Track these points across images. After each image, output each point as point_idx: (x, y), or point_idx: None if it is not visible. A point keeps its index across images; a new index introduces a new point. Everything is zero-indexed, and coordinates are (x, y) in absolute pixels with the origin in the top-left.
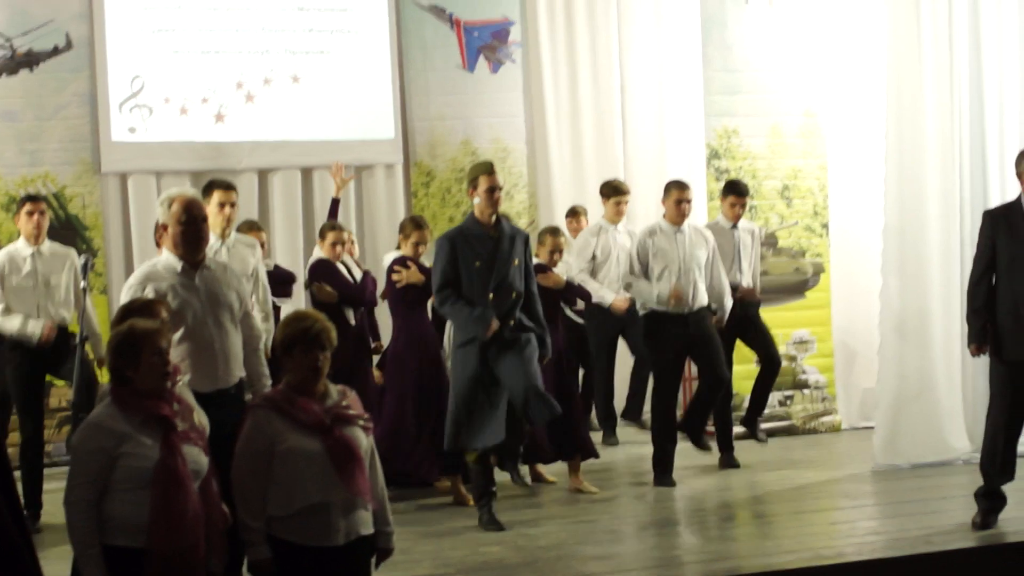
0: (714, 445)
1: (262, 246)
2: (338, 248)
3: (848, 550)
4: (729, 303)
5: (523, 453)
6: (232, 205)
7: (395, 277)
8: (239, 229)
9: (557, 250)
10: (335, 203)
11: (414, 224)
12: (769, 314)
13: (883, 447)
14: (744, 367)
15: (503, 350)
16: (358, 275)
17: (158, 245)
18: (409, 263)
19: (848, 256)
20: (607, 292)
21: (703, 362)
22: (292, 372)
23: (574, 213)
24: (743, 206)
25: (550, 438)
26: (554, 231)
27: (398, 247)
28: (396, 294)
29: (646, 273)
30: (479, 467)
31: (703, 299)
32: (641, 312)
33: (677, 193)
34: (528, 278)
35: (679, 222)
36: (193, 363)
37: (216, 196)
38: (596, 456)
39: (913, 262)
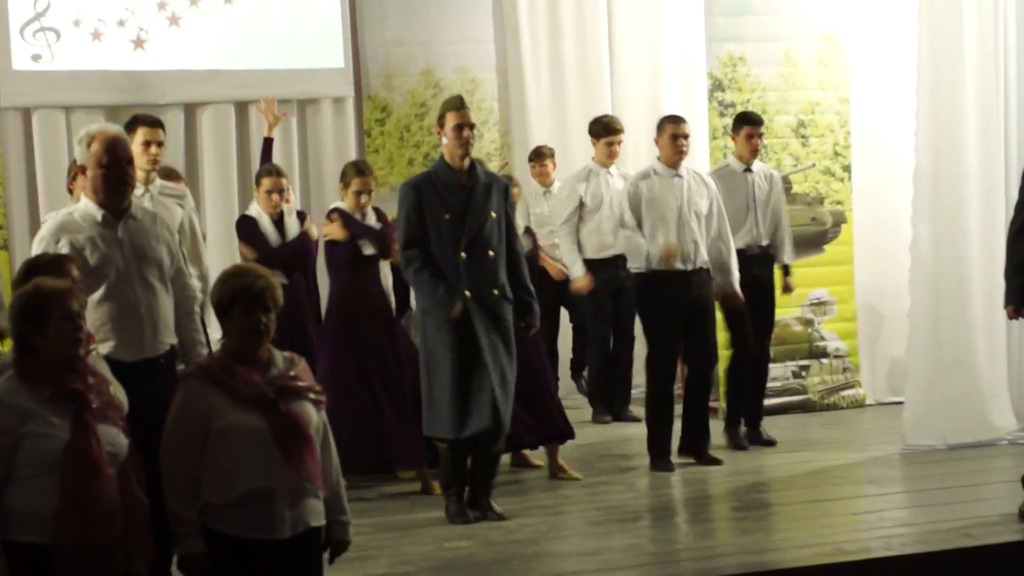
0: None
1: None
2: (275, 196)
3: (874, 544)
4: (737, 275)
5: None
6: (159, 145)
7: (324, 230)
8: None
9: None
10: (268, 144)
11: (355, 170)
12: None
13: (914, 425)
14: None
15: (489, 330)
16: (294, 228)
17: (70, 191)
18: (334, 216)
19: (874, 204)
20: (577, 263)
21: (693, 334)
22: (230, 337)
23: (539, 156)
24: (761, 137)
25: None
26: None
27: (342, 199)
28: (329, 252)
29: (640, 226)
30: (452, 454)
31: (704, 256)
32: (633, 269)
33: (672, 127)
34: (510, 234)
35: (676, 163)
36: (116, 329)
37: (140, 134)
38: (571, 436)
39: (949, 210)
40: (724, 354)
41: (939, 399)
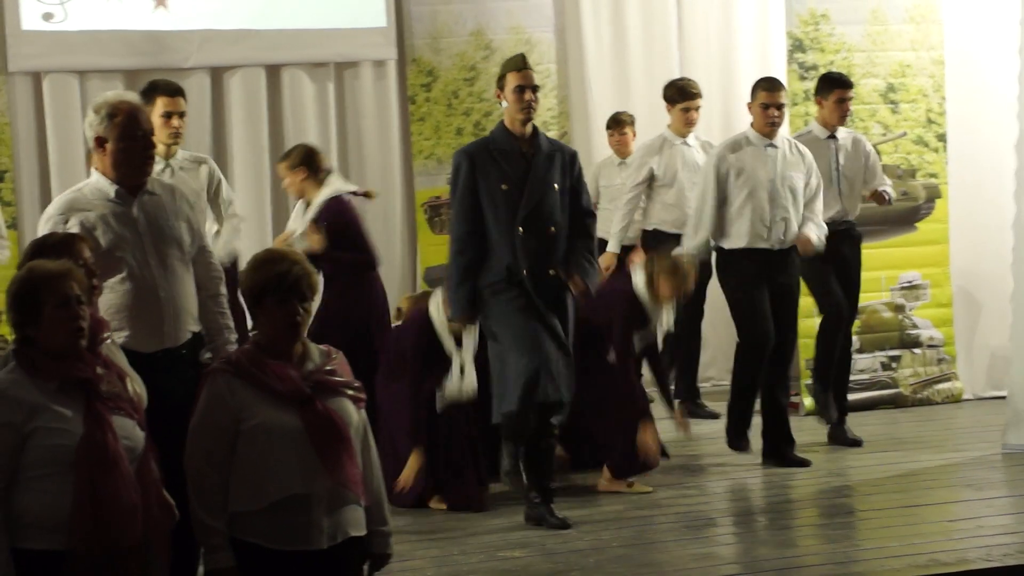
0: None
1: None
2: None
3: (972, 554)
4: (817, 232)
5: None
6: (181, 116)
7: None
8: None
9: None
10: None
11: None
12: (869, 252)
13: (1017, 423)
14: None
15: (549, 312)
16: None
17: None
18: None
19: (972, 176)
20: (615, 239)
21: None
22: (262, 328)
23: (618, 123)
24: (850, 101)
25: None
26: None
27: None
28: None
29: (724, 204)
30: (516, 423)
31: (795, 236)
32: (713, 245)
33: (765, 95)
34: (578, 209)
35: (770, 133)
36: (133, 316)
37: (160, 104)
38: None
39: None
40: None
41: None
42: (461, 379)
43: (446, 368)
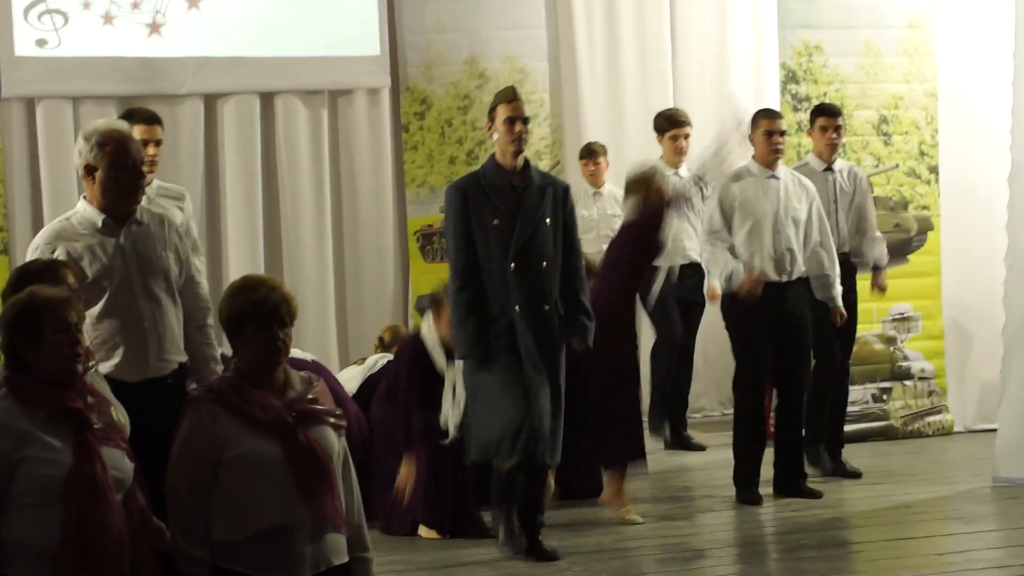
0: None
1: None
2: None
3: None
4: (839, 289)
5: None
6: (157, 144)
7: None
8: None
9: None
10: None
11: None
12: (861, 283)
13: (1008, 455)
14: None
15: (536, 353)
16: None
17: None
18: None
19: (964, 209)
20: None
21: (785, 357)
22: (243, 357)
23: (591, 153)
24: (838, 130)
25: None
26: None
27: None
28: None
29: (730, 230)
30: (512, 473)
31: (802, 267)
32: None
33: (767, 123)
34: (568, 244)
35: (772, 163)
36: (118, 346)
37: (136, 132)
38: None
39: None
40: None
41: None
42: (453, 397)
43: (439, 395)
